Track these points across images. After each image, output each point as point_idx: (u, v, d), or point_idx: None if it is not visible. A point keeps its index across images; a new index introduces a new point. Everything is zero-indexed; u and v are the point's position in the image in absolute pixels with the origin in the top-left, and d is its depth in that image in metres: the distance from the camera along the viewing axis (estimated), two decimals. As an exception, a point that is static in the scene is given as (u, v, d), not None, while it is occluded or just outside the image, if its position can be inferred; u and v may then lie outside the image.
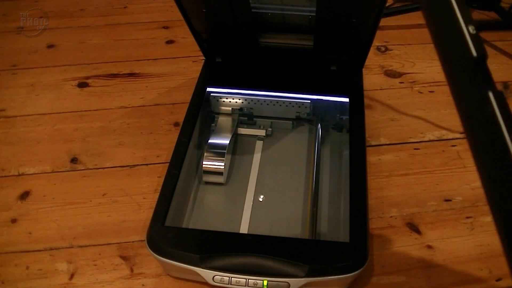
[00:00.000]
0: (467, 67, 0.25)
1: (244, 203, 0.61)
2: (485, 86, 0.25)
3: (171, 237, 0.52)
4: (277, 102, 0.68)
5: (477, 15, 0.97)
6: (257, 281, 0.49)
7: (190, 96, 0.68)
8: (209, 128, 0.70)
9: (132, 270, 0.58)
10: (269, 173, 0.65)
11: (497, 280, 0.56)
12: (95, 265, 0.59)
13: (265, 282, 0.48)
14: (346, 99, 0.68)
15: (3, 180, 0.69)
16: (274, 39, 0.68)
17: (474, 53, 0.25)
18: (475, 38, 0.25)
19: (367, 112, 0.69)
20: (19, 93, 0.83)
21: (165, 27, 0.96)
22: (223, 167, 0.62)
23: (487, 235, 0.60)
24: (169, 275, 0.57)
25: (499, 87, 0.82)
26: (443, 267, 0.58)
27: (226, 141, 0.64)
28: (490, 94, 0.25)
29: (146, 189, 0.67)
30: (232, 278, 0.49)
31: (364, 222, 0.53)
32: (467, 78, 0.25)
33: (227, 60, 0.72)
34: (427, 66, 0.86)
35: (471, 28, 0.25)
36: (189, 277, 0.54)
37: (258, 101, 0.69)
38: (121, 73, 0.86)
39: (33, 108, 0.80)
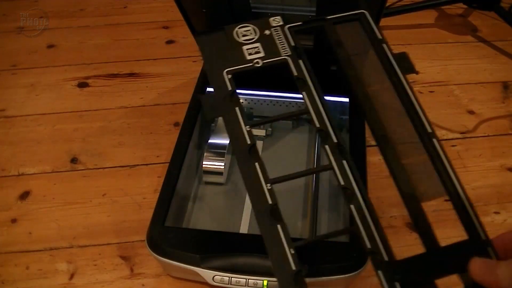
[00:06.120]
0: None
1: (244, 203, 0.61)
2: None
3: (171, 237, 0.52)
4: (277, 102, 0.68)
5: (477, 14, 0.97)
6: (257, 281, 0.49)
7: (190, 96, 0.68)
8: (209, 128, 0.70)
9: (132, 270, 0.58)
10: (269, 173, 0.65)
11: (497, 280, 0.56)
12: (95, 265, 0.59)
13: (265, 282, 0.48)
14: (346, 99, 0.67)
15: (3, 180, 0.69)
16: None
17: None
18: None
19: (367, 112, 0.68)
20: (19, 93, 0.83)
21: (165, 27, 0.96)
22: (223, 167, 0.62)
23: (487, 235, 0.60)
24: (169, 275, 0.57)
25: (499, 86, 0.82)
26: (443, 267, 0.58)
27: (226, 141, 0.64)
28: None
29: (146, 189, 0.67)
30: (232, 278, 0.49)
31: (364, 222, 0.53)
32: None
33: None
34: (427, 66, 0.86)
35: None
36: (189, 277, 0.54)
37: (258, 101, 0.69)
38: (121, 73, 0.86)
39: (33, 108, 0.80)
